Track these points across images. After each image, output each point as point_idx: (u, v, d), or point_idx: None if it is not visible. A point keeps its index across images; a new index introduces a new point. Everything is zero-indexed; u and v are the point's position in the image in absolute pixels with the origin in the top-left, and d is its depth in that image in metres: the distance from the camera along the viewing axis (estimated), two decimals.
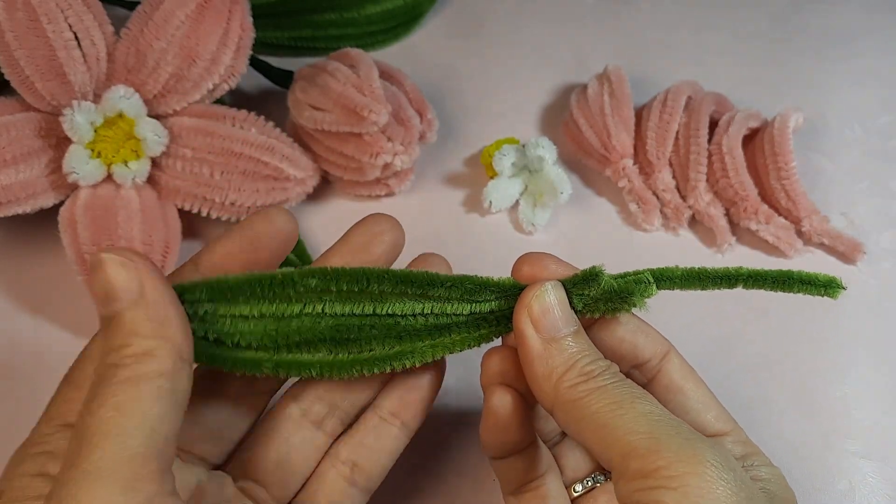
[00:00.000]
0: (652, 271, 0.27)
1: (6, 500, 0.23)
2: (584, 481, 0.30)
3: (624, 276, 0.27)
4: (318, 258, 0.29)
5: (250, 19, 0.41)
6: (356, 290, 0.26)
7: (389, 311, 0.26)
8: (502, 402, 0.27)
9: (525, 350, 0.26)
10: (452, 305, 0.27)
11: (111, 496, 0.20)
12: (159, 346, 0.22)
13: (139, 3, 0.40)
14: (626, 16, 0.54)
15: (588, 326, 0.28)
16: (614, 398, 0.24)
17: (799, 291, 0.27)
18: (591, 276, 0.26)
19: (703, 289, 0.27)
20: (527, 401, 0.28)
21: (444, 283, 0.27)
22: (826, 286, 0.27)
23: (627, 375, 0.28)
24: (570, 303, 0.26)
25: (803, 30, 0.54)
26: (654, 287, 0.26)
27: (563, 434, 0.30)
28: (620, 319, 0.28)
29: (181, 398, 0.23)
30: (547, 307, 0.26)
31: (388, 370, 0.27)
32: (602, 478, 0.30)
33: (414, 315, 0.27)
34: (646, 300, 0.26)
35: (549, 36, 0.53)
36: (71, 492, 0.20)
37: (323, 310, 0.26)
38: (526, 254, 0.28)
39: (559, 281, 0.27)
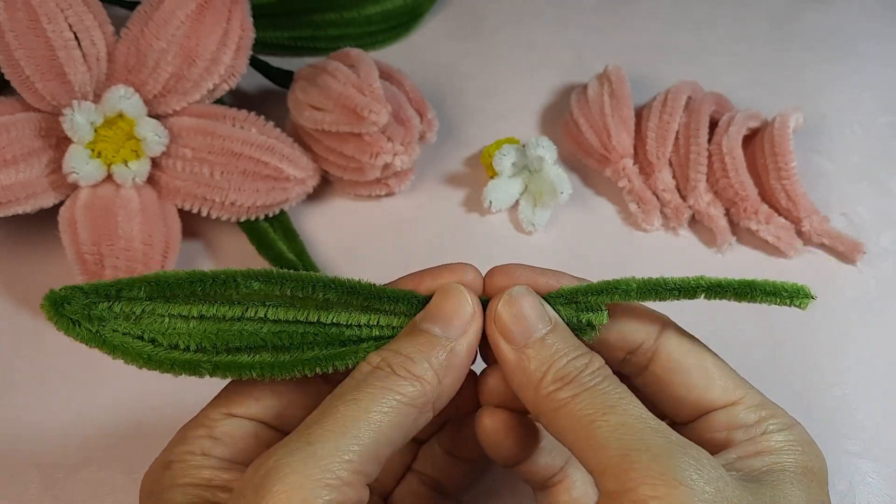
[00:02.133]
0: (605, 285, 0.26)
1: (174, 471, 0.24)
2: None
3: (575, 292, 0.26)
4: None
5: (250, 19, 0.41)
6: (300, 295, 0.25)
7: (334, 321, 0.26)
8: (493, 424, 0.27)
9: (501, 363, 0.26)
10: (399, 319, 0.26)
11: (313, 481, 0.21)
12: (434, 383, 0.24)
13: (139, 3, 0.40)
14: (626, 16, 0.54)
15: None
16: (589, 407, 0.23)
17: (764, 302, 0.26)
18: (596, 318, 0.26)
19: (660, 300, 0.26)
20: (520, 415, 0.27)
21: (391, 297, 0.26)
22: (793, 296, 0.25)
23: (623, 364, 0.27)
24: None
25: (803, 30, 0.54)
26: (606, 315, 0.26)
27: None
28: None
29: (410, 432, 0.24)
30: (515, 314, 0.25)
31: (330, 370, 0.26)
32: None
33: (359, 325, 0.26)
34: (597, 328, 0.26)
35: (549, 36, 0.53)
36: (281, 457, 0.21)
37: (266, 315, 0.25)
38: (496, 267, 0.27)
39: (523, 287, 0.26)
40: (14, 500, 0.33)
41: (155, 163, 0.39)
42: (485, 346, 0.26)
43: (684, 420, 0.27)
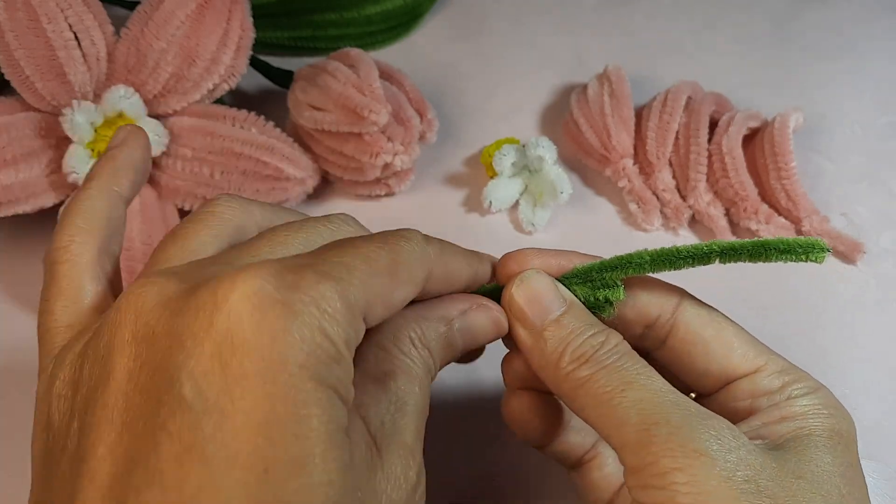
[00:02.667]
0: (618, 260, 0.26)
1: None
2: None
3: (590, 270, 0.26)
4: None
5: (250, 19, 0.41)
6: None
7: None
8: (520, 406, 0.27)
9: (520, 346, 0.26)
10: None
11: None
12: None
13: (139, 3, 0.40)
14: (626, 16, 0.54)
15: None
16: (609, 384, 0.23)
17: (779, 260, 0.25)
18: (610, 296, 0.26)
19: (674, 269, 0.26)
20: (546, 395, 0.28)
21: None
22: (808, 251, 0.24)
23: (642, 338, 0.27)
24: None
25: (803, 30, 0.54)
26: (623, 291, 0.26)
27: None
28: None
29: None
30: (528, 298, 0.26)
31: None
32: None
33: None
34: (615, 305, 0.26)
35: (549, 36, 0.53)
36: None
37: None
38: (507, 253, 0.27)
39: (534, 271, 0.26)
40: (14, 500, 0.33)
41: (155, 163, 0.39)
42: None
43: (708, 391, 0.27)
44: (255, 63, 0.45)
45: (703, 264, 0.26)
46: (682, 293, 0.27)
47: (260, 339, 0.18)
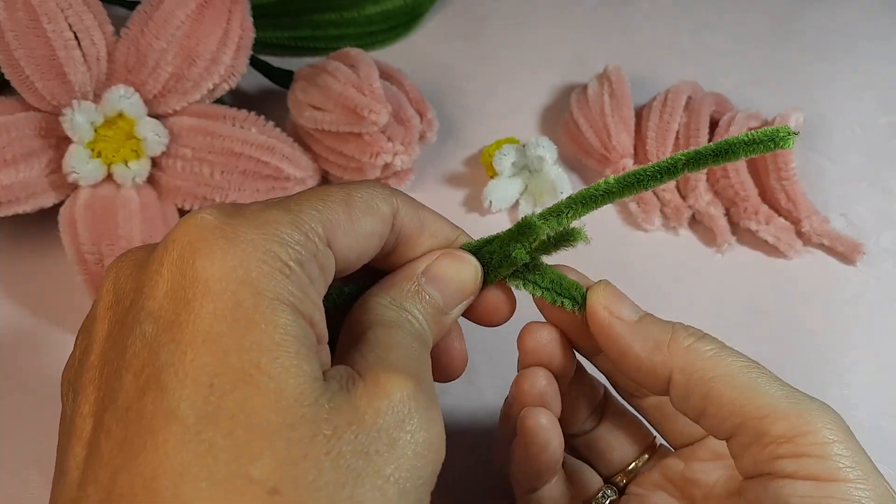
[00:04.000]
0: (583, 193, 0.25)
1: None
2: (635, 463, 0.29)
3: (559, 207, 0.26)
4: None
5: (250, 19, 0.41)
6: None
7: None
8: (538, 422, 0.27)
9: (614, 338, 0.26)
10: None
11: None
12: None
13: (139, 3, 0.40)
14: (626, 16, 0.54)
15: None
16: (739, 360, 0.24)
17: (746, 154, 0.23)
18: (525, 229, 0.25)
19: (645, 189, 0.25)
20: (560, 378, 0.28)
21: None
22: (774, 139, 0.23)
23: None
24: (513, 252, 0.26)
25: (803, 30, 0.54)
26: (584, 233, 0.25)
27: (596, 422, 0.30)
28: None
29: None
30: (617, 297, 0.26)
31: None
32: (646, 457, 0.29)
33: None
34: (583, 236, 0.25)
35: (549, 36, 0.53)
36: None
37: None
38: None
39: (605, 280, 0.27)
40: (14, 500, 0.33)
41: (155, 163, 0.39)
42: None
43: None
44: (255, 63, 0.45)
45: (672, 178, 0.24)
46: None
47: (203, 264, 0.19)
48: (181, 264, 0.19)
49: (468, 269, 0.26)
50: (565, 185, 0.41)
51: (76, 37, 0.37)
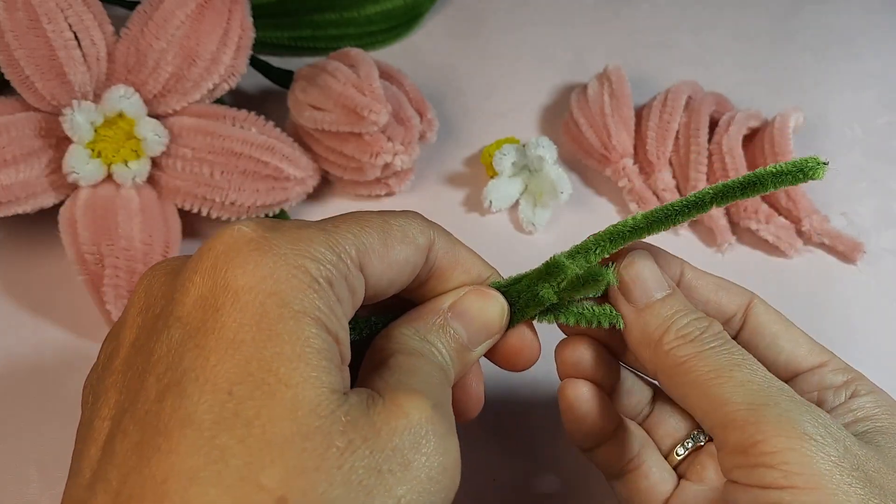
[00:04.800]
0: (613, 230, 0.25)
1: None
2: (685, 443, 0.29)
3: (583, 251, 0.26)
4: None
5: (250, 19, 0.41)
6: None
7: None
8: (576, 394, 0.27)
9: (625, 321, 0.26)
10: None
11: None
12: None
13: (139, 3, 0.40)
14: (626, 16, 0.54)
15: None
16: (713, 365, 0.24)
17: (776, 186, 0.24)
18: (553, 269, 0.26)
19: (673, 225, 0.25)
20: (604, 388, 0.28)
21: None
22: (804, 171, 0.23)
23: None
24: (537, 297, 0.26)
25: (803, 30, 0.54)
26: (613, 275, 0.25)
27: (653, 403, 0.30)
28: (698, 283, 0.28)
29: None
30: (634, 276, 0.26)
31: None
32: (702, 437, 0.29)
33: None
34: (614, 278, 0.26)
35: (549, 36, 0.53)
36: None
37: None
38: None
39: (642, 251, 0.27)
40: (14, 500, 0.33)
41: (155, 163, 0.39)
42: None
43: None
44: (255, 63, 0.45)
45: (700, 212, 0.25)
46: (752, 295, 0.28)
47: (234, 273, 0.19)
48: (213, 273, 0.19)
49: (495, 307, 0.26)
50: (565, 185, 0.41)
51: (76, 37, 0.37)
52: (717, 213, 0.42)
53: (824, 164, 0.23)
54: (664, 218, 0.25)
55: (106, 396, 0.20)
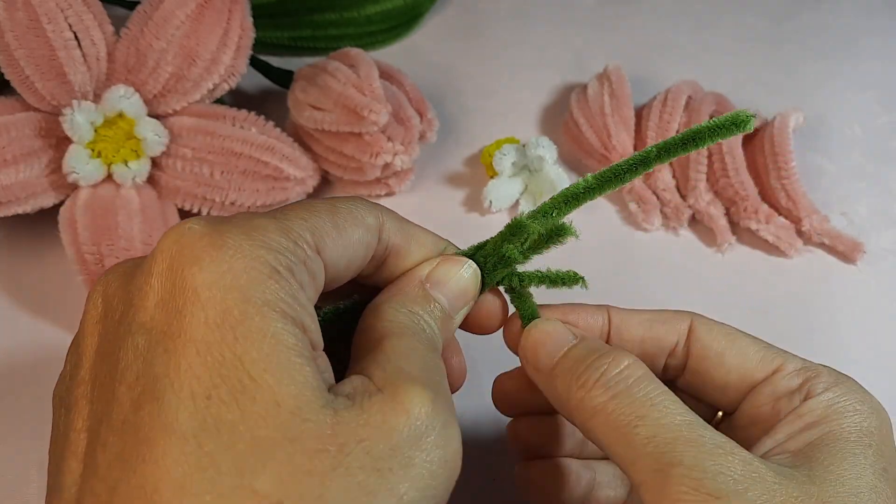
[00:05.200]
0: (567, 192, 0.26)
1: None
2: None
3: (545, 209, 0.26)
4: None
5: (250, 19, 0.41)
6: None
7: None
8: (533, 475, 0.28)
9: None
10: None
11: None
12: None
13: (139, 3, 0.40)
14: (626, 16, 0.54)
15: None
16: (619, 416, 0.23)
17: (712, 140, 0.24)
18: (517, 229, 0.26)
19: (623, 183, 0.26)
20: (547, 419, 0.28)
21: None
22: (736, 123, 0.24)
23: (666, 370, 0.27)
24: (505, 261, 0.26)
25: (803, 30, 0.54)
26: (573, 229, 0.26)
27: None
28: (629, 323, 0.27)
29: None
30: (532, 344, 0.26)
31: None
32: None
33: None
34: (572, 231, 0.26)
35: (549, 36, 0.53)
36: None
37: None
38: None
39: (542, 319, 0.27)
40: (14, 500, 0.33)
41: (155, 163, 0.39)
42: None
43: (734, 405, 0.27)
44: (255, 63, 0.45)
45: (646, 169, 0.25)
46: (691, 317, 0.27)
47: (191, 272, 0.19)
48: (170, 274, 0.19)
49: (469, 272, 0.26)
50: (565, 185, 0.41)
51: (76, 37, 0.37)
52: (717, 214, 0.42)
53: (753, 116, 0.24)
54: (613, 177, 0.25)
55: (77, 408, 0.20)
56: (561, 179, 0.41)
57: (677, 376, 0.28)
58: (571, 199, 0.26)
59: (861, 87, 0.50)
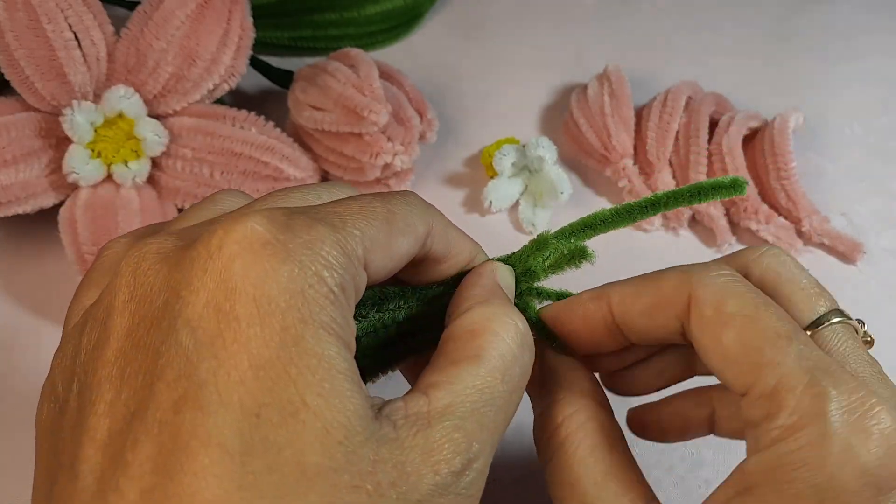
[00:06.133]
0: (583, 222, 0.28)
1: None
2: None
3: (561, 235, 0.28)
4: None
5: (250, 19, 0.41)
6: None
7: None
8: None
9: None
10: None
11: None
12: None
13: (139, 3, 0.40)
14: (626, 16, 0.54)
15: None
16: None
17: (713, 198, 0.27)
18: (542, 245, 0.27)
19: (634, 221, 0.28)
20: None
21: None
22: (733, 187, 0.27)
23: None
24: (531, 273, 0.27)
25: (803, 30, 0.54)
26: (593, 254, 0.28)
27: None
28: (632, 312, 0.25)
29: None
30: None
31: None
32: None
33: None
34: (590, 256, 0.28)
35: (549, 36, 0.53)
36: None
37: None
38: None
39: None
40: (14, 500, 0.33)
41: (155, 163, 0.39)
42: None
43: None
44: (255, 63, 0.45)
45: (657, 212, 0.28)
46: (689, 289, 0.24)
47: (251, 281, 0.18)
48: (226, 276, 0.18)
49: (512, 278, 0.27)
50: (565, 185, 0.41)
51: (76, 37, 0.37)
52: (717, 214, 0.42)
53: (746, 183, 0.27)
54: (627, 214, 0.28)
55: (99, 389, 0.19)
56: (561, 180, 0.41)
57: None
58: (589, 227, 0.28)
59: (861, 87, 0.50)
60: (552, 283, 0.28)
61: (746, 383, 0.22)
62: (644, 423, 0.30)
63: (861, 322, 0.25)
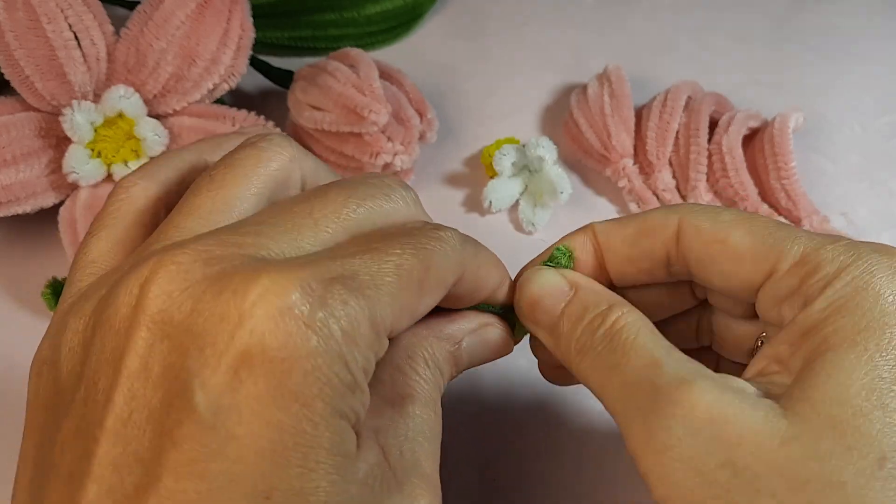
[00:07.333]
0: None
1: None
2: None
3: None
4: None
5: (250, 19, 0.41)
6: None
7: None
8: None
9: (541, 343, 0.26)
10: None
11: None
12: None
13: (139, 3, 0.40)
14: (626, 16, 0.54)
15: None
16: (594, 372, 0.23)
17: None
18: (566, 254, 0.26)
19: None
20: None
21: None
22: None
23: (675, 275, 0.26)
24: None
25: (803, 30, 0.54)
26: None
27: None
28: (615, 242, 0.25)
29: None
30: (531, 300, 0.25)
31: None
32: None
33: None
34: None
35: (549, 36, 0.53)
36: None
37: None
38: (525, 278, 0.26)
39: (535, 268, 0.26)
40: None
41: None
42: None
43: (756, 312, 0.24)
44: (255, 63, 0.45)
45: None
46: (679, 215, 0.24)
47: (278, 362, 0.18)
48: (251, 350, 0.18)
49: (505, 346, 0.26)
50: (565, 185, 0.41)
51: (76, 37, 0.38)
52: None
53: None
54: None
55: (105, 410, 0.18)
56: (561, 180, 0.42)
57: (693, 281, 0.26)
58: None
59: (861, 88, 0.50)
60: None
61: (766, 268, 0.22)
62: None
63: None
